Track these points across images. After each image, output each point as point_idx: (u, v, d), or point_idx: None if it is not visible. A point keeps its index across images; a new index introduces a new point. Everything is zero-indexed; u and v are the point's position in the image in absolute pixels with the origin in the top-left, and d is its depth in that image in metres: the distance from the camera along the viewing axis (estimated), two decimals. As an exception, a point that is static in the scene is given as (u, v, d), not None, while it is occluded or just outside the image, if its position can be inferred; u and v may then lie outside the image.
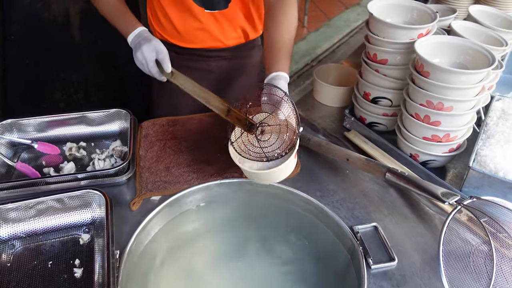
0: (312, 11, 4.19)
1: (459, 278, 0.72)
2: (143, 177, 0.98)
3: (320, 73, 1.33)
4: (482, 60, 0.91)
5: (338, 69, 1.38)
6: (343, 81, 1.32)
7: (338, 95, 1.25)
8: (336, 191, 0.97)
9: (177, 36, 1.18)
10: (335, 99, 1.26)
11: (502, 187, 0.86)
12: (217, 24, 1.15)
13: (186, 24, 1.15)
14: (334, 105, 1.27)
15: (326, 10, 4.33)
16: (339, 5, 4.44)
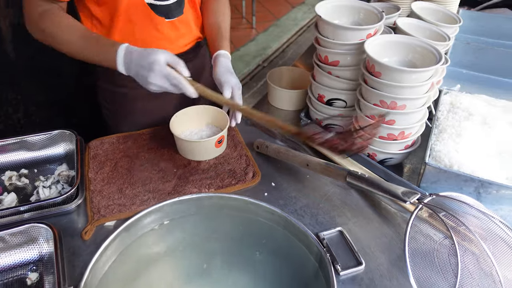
0: (260, 12, 4.20)
1: (426, 275, 0.72)
2: (94, 202, 0.92)
3: (273, 76, 1.31)
4: (429, 57, 0.92)
5: (290, 71, 1.37)
6: (296, 83, 1.31)
7: (292, 98, 1.24)
8: (299, 198, 0.95)
9: None
10: (289, 102, 1.25)
11: (458, 180, 0.88)
12: (176, 31, 1.13)
13: (149, 36, 1.09)
14: (289, 109, 1.26)
15: (273, 10, 4.35)
16: (285, 5, 4.47)
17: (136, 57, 0.90)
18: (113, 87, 1.18)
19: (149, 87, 0.92)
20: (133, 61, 0.90)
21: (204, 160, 1.04)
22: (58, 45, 0.98)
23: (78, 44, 0.96)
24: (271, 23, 4.08)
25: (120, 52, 0.92)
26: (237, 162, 1.04)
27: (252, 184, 0.98)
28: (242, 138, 1.12)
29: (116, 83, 1.17)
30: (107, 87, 1.20)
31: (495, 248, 0.71)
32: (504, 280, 0.68)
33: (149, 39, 1.09)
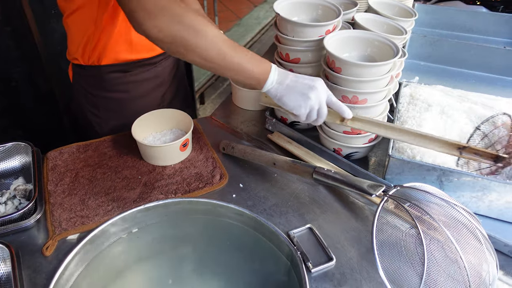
0: (222, 11, 4.17)
1: (395, 265, 0.73)
2: (55, 215, 0.88)
3: None
4: (387, 50, 0.94)
5: None
6: None
7: (256, 98, 1.23)
8: (267, 197, 0.95)
9: (128, 50, 1.10)
10: (253, 102, 1.24)
11: (421, 170, 0.90)
12: None
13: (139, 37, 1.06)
14: (254, 109, 1.25)
15: (235, 10, 4.34)
16: (247, 4, 4.47)
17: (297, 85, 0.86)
18: (106, 92, 1.16)
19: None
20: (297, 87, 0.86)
21: (169, 165, 1.02)
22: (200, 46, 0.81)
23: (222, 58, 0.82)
24: (234, 23, 4.07)
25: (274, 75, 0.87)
26: (204, 165, 1.02)
27: (220, 186, 0.97)
28: (207, 140, 1.11)
29: (109, 89, 1.15)
30: (98, 93, 1.17)
31: (458, 235, 0.73)
32: (468, 265, 0.69)
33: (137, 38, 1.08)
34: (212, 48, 0.79)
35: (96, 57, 1.09)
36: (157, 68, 1.21)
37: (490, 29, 1.67)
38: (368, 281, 0.78)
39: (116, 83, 1.15)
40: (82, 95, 1.19)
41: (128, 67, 1.14)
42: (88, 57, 1.09)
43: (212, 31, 0.80)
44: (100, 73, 1.12)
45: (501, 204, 0.88)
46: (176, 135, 1.07)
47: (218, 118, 1.21)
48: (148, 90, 1.22)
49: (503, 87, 1.37)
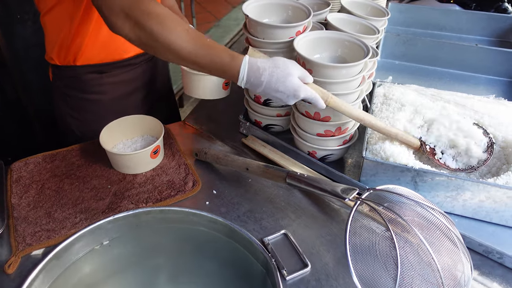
0: (200, 13, 4.13)
1: (369, 270, 0.71)
2: (19, 230, 0.84)
3: None
4: (358, 51, 0.93)
5: None
6: None
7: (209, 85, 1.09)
8: (241, 203, 0.93)
9: (103, 50, 1.07)
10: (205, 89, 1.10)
11: (395, 171, 0.89)
12: None
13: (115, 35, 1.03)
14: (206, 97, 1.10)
15: (213, 11, 4.30)
16: (225, 5, 4.44)
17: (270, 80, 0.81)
18: (83, 94, 1.14)
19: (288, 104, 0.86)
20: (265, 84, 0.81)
21: (140, 173, 0.99)
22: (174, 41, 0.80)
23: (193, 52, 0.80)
24: (213, 24, 4.04)
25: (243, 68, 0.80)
26: (176, 172, 1.00)
27: (193, 193, 0.94)
28: (180, 146, 1.08)
29: (86, 90, 1.13)
30: (75, 94, 1.15)
31: (431, 237, 0.72)
32: (441, 267, 0.69)
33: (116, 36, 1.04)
34: (183, 45, 0.78)
35: (71, 57, 1.06)
36: (136, 69, 1.18)
37: (463, 26, 1.69)
38: (344, 287, 0.77)
39: (92, 84, 1.12)
40: (60, 97, 1.17)
41: (104, 68, 1.11)
42: (64, 57, 1.07)
43: (182, 27, 0.78)
44: (76, 74, 1.10)
45: (475, 203, 0.87)
46: (148, 142, 1.04)
47: (191, 123, 1.18)
48: (127, 92, 1.19)
49: (475, 84, 1.38)
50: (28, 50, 1.49)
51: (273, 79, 0.80)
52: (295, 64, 0.84)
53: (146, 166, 0.99)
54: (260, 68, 0.80)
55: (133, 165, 0.97)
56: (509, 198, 0.84)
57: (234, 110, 1.21)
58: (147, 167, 0.99)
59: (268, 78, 0.80)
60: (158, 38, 0.76)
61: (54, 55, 1.08)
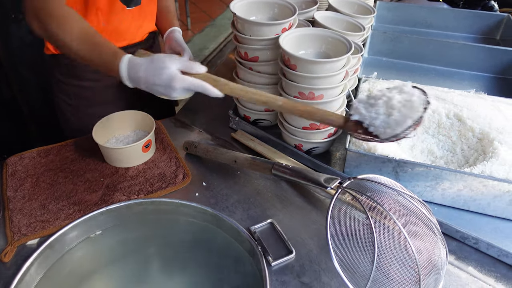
0: (194, 12, 4.16)
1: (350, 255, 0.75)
2: (14, 221, 0.87)
3: None
4: (341, 47, 0.96)
5: None
6: None
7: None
8: (230, 195, 0.96)
9: None
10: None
11: (377, 162, 0.93)
12: (135, 20, 1.14)
13: (111, 25, 1.09)
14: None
15: (208, 10, 4.33)
16: (220, 4, 4.47)
17: (146, 75, 0.84)
18: (78, 81, 1.17)
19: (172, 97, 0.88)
20: (143, 79, 0.84)
21: (132, 166, 1.02)
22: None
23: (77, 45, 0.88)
24: (207, 24, 4.07)
25: (123, 66, 0.85)
26: (167, 165, 1.03)
27: (183, 185, 0.98)
28: (171, 140, 1.11)
29: (81, 77, 1.16)
30: (70, 82, 1.18)
31: (408, 222, 0.76)
32: (416, 251, 0.72)
33: (112, 27, 1.09)
34: (73, 44, 0.88)
35: None
36: None
37: (449, 24, 1.73)
38: (327, 271, 0.80)
39: (86, 71, 1.15)
40: (57, 85, 1.21)
41: None
42: None
43: (79, 29, 0.88)
44: (70, 61, 1.13)
45: (453, 192, 0.91)
46: (139, 137, 1.07)
47: (182, 118, 1.22)
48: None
49: (460, 80, 1.41)
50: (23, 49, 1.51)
51: (149, 73, 0.83)
52: (174, 58, 0.85)
53: (138, 159, 1.02)
54: (137, 65, 0.84)
55: (125, 158, 1.00)
56: (485, 186, 0.87)
57: (223, 105, 1.24)
58: (139, 161, 1.02)
59: (144, 74, 0.84)
60: (56, 38, 0.89)
61: (50, 44, 1.12)
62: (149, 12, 1.19)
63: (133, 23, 1.14)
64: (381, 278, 0.73)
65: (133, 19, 1.13)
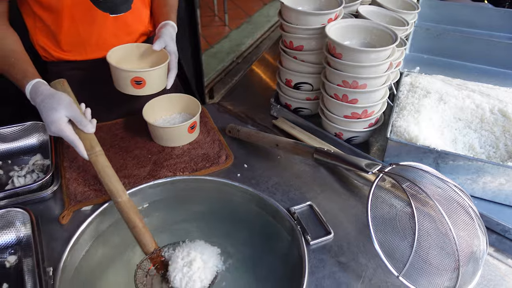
0: (232, 9, 4.22)
1: (389, 239, 0.77)
2: (70, 188, 0.94)
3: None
4: (386, 38, 0.98)
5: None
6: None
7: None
8: (270, 177, 0.99)
9: (82, 50, 1.10)
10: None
11: (418, 152, 0.94)
12: (124, 26, 1.11)
13: (92, 33, 1.08)
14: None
15: (245, 7, 4.39)
16: (257, 2, 4.51)
17: (40, 103, 0.88)
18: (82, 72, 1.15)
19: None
20: (37, 105, 0.89)
21: (178, 146, 1.07)
22: None
23: None
24: (244, 20, 4.12)
25: (28, 89, 0.91)
26: (210, 146, 1.07)
27: (225, 166, 1.02)
28: (214, 124, 1.16)
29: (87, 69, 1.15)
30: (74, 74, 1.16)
31: (450, 210, 0.77)
32: (458, 238, 0.73)
33: (94, 36, 1.08)
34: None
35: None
36: None
37: (494, 24, 1.69)
38: (364, 253, 0.82)
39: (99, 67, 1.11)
40: None
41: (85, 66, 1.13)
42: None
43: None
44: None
45: (495, 186, 0.91)
46: (185, 118, 1.12)
47: (225, 104, 1.26)
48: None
49: (504, 79, 1.39)
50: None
51: (42, 105, 0.88)
52: (70, 105, 0.87)
53: (183, 139, 1.07)
54: (38, 93, 0.89)
55: (171, 138, 1.06)
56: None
57: (265, 94, 1.28)
58: (184, 141, 1.07)
59: (39, 103, 0.88)
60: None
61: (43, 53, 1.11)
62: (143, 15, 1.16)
63: (119, 30, 1.11)
64: (419, 262, 0.75)
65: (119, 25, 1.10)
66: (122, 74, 0.99)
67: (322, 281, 0.77)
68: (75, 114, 0.87)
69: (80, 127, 0.88)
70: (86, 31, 1.06)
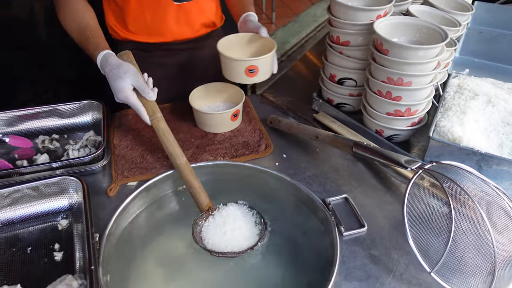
0: (279, 7, 4.26)
1: (423, 236, 0.76)
2: (118, 164, 1.00)
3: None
4: (436, 37, 0.97)
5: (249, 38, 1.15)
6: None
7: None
8: (308, 168, 1.01)
9: (146, 33, 1.19)
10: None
11: (460, 153, 0.92)
12: (185, 15, 1.18)
13: (155, 18, 1.15)
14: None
15: (293, 6, 4.40)
16: (305, 1, 4.52)
17: (108, 73, 0.97)
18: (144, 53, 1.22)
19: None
20: (106, 75, 0.98)
21: (220, 133, 1.11)
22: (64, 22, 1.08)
23: (74, 36, 1.06)
24: (291, 19, 4.13)
25: (98, 59, 1.00)
26: (251, 135, 1.10)
27: (265, 155, 1.04)
28: (256, 114, 1.19)
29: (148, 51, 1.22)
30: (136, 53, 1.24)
31: (490, 213, 0.75)
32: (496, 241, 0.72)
33: (157, 22, 1.16)
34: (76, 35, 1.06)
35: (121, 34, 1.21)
36: (179, 55, 1.26)
37: (555, 31, 1.61)
38: (397, 249, 0.82)
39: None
40: None
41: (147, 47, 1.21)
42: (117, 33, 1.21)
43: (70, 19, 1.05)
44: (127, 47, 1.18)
45: (541, 194, 0.88)
46: (228, 107, 1.16)
47: (268, 96, 1.29)
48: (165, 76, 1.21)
49: (561, 88, 1.33)
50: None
51: (110, 74, 0.96)
52: (134, 74, 0.96)
53: (226, 126, 1.11)
54: (107, 63, 0.97)
55: (215, 124, 1.10)
56: None
57: (308, 89, 1.29)
58: (226, 128, 1.11)
59: (108, 72, 0.97)
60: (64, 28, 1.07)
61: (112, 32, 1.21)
62: (205, 5, 1.20)
63: (181, 18, 1.17)
64: (453, 262, 0.74)
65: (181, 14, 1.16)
66: (236, 64, 1.03)
67: (352, 271, 0.78)
68: (139, 83, 0.95)
69: (143, 94, 0.96)
70: (150, 15, 1.14)
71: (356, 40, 1.06)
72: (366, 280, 0.77)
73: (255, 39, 1.12)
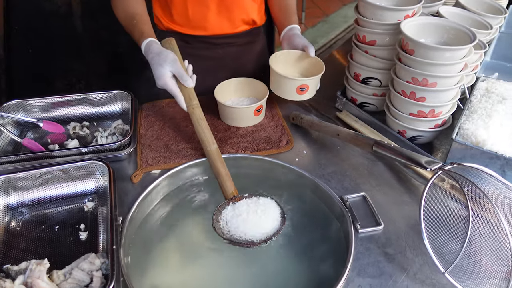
0: (310, 8, 4.25)
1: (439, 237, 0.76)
2: (143, 153, 1.04)
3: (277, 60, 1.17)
4: (464, 38, 0.96)
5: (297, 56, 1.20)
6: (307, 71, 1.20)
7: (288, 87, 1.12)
8: (327, 165, 1.02)
9: (188, 24, 1.23)
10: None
11: (483, 157, 0.91)
12: (227, 10, 1.21)
13: (197, 11, 1.19)
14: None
15: (323, 6, 4.38)
16: (336, 2, 4.49)
17: (150, 60, 1.02)
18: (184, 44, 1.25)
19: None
20: (149, 61, 1.03)
21: (243, 127, 1.13)
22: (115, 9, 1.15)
23: (123, 23, 1.13)
24: (321, 19, 4.12)
25: (142, 46, 1.06)
26: (273, 130, 1.12)
27: (285, 150, 1.06)
28: (279, 110, 1.20)
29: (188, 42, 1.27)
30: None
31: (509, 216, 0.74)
32: (514, 244, 0.71)
33: (198, 15, 1.19)
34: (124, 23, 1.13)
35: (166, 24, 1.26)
36: (219, 49, 1.30)
37: None
38: (412, 249, 0.82)
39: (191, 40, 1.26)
40: None
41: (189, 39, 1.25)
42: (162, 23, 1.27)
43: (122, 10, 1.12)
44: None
45: None
46: (252, 102, 1.18)
47: (292, 93, 1.30)
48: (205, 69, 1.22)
49: None
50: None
51: (152, 61, 1.01)
52: (173, 62, 1.00)
53: (249, 121, 1.13)
54: (149, 50, 1.03)
55: (238, 118, 1.12)
56: None
57: (332, 88, 1.30)
58: (249, 122, 1.13)
59: (150, 59, 1.02)
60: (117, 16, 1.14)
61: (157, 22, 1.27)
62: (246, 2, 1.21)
63: (223, 13, 1.20)
64: (468, 264, 0.73)
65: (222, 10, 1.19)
66: (290, 82, 1.09)
67: (366, 267, 0.79)
68: (178, 70, 1.00)
69: (181, 81, 1.01)
70: (193, 8, 1.19)
71: (383, 39, 1.06)
72: (379, 277, 0.77)
73: (303, 57, 1.17)
